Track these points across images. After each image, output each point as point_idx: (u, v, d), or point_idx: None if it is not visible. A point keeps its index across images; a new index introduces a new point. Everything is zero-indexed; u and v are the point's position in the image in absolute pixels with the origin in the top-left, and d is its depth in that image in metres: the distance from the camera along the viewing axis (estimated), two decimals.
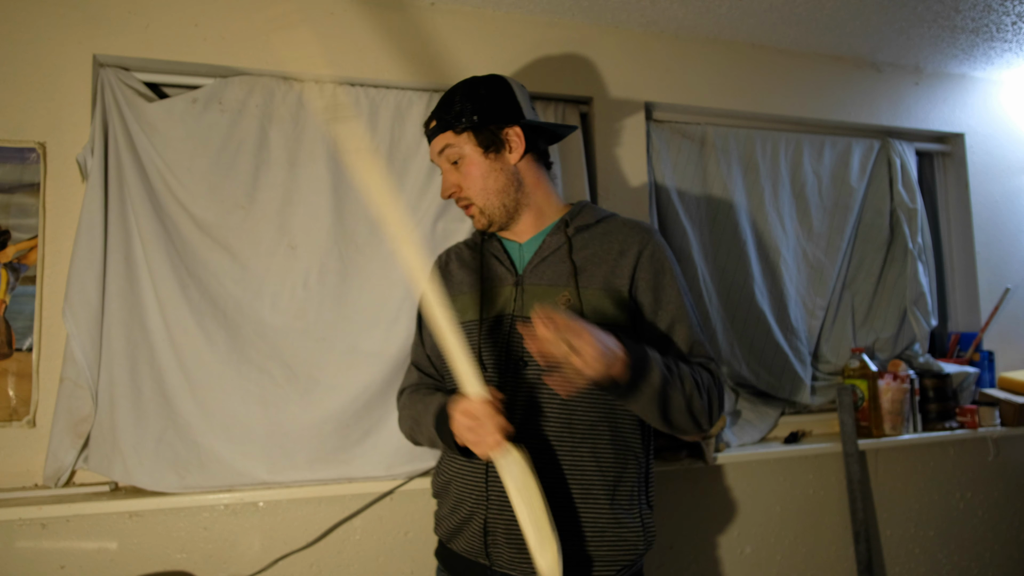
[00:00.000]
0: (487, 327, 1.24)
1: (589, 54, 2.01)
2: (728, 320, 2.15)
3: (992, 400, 2.34)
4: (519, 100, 1.29)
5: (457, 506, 1.23)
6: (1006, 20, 2.09)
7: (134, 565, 1.53)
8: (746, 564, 2.01)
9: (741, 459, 2.00)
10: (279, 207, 1.69)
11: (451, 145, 1.25)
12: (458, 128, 1.24)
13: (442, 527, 1.28)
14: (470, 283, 1.30)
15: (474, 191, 1.26)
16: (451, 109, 1.26)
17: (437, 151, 1.28)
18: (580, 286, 1.20)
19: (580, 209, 1.31)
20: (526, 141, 1.26)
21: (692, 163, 2.19)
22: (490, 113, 1.25)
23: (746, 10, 1.99)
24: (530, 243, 1.30)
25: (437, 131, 1.28)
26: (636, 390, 1.07)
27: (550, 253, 1.25)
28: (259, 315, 1.65)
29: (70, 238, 1.56)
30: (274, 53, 1.72)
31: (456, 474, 1.24)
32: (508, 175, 1.26)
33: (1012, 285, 2.52)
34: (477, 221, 1.29)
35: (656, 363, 1.09)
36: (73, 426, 1.52)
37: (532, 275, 1.24)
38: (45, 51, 1.58)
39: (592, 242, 1.25)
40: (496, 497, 1.16)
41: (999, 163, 2.56)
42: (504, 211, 1.27)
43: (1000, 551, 2.33)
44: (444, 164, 1.29)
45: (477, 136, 1.24)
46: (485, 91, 1.27)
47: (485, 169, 1.25)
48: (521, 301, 1.23)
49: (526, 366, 1.19)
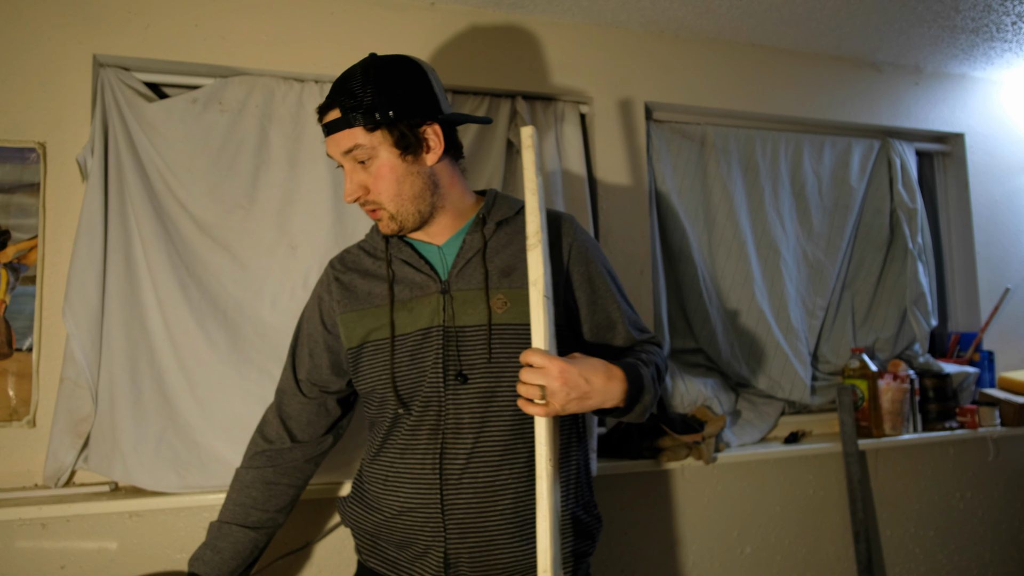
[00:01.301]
0: (413, 343, 1.13)
1: (589, 54, 2.01)
2: (728, 320, 2.15)
3: (992, 400, 2.34)
4: (436, 91, 1.13)
5: (406, 542, 1.13)
6: (1006, 20, 2.09)
7: (134, 565, 1.53)
8: (746, 564, 2.01)
9: (741, 459, 2.00)
10: (279, 207, 1.69)
11: (360, 145, 1.08)
12: (370, 125, 1.07)
13: (379, 557, 1.18)
14: (381, 295, 1.17)
15: (386, 196, 1.11)
16: (359, 99, 1.07)
17: (342, 150, 1.09)
18: (512, 287, 1.12)
19: (493, 201, 1.19)
20: (444, 139, 1.13)
21: (692, 163, 2.19)
22: (407, 108, 1.08)
23: (746, 10, 1.99)
24: (449, 244, 1.18)
25: (341, 125, 1.08)
26: (631, 412, 1.09)
27: (473, 254, 1.15)
28: (259, 315, 1.65)
29: (70, 238, 1.56)
30: (274, 53, 1.72)
31: (400, 511, 1.13)
32: (424, 178, 1.12)
33: (1012, 285, 2.52)
34: (385, 226, 1.14)
35: (647, 379, 1.09)
36: (73, 426, 1.52)
37: (459, 280, 1.13)
38: (45, 51, 1.58)
39: (516, 237, 1.17)
40: (455, 526, 1.09)
41: (999, 163, 2.57)
42: (419, 217, 1.14)
43: (1000, 551, 2.33)
44: (348, 163, 1.11)
45: (392, 135, 1.08)
46: (400, 80, 1.09)
47: (400, 173, 1.10)
48: (452, 310, 1.12)
49: (466, 381, 1.10)
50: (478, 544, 1.09)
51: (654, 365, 1.16)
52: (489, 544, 1.10)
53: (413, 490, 1.12)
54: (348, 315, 1.20)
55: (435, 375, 1.11)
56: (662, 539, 1.93)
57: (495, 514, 1.10)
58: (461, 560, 1.10)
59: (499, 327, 1.11)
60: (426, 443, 1.12)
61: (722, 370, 2.14)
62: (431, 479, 1.10)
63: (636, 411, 1.10)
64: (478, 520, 1.09)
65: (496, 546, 1.10)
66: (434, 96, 1.13)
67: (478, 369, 1.11)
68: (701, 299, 2.09)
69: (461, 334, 1.11)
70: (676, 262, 2.13)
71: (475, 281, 1.13)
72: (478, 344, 1.11)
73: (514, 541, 1.10)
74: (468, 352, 1.11)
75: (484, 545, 1.09)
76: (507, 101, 1.92)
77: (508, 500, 1.10)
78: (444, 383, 1.10)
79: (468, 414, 1.10)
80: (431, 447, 1.11)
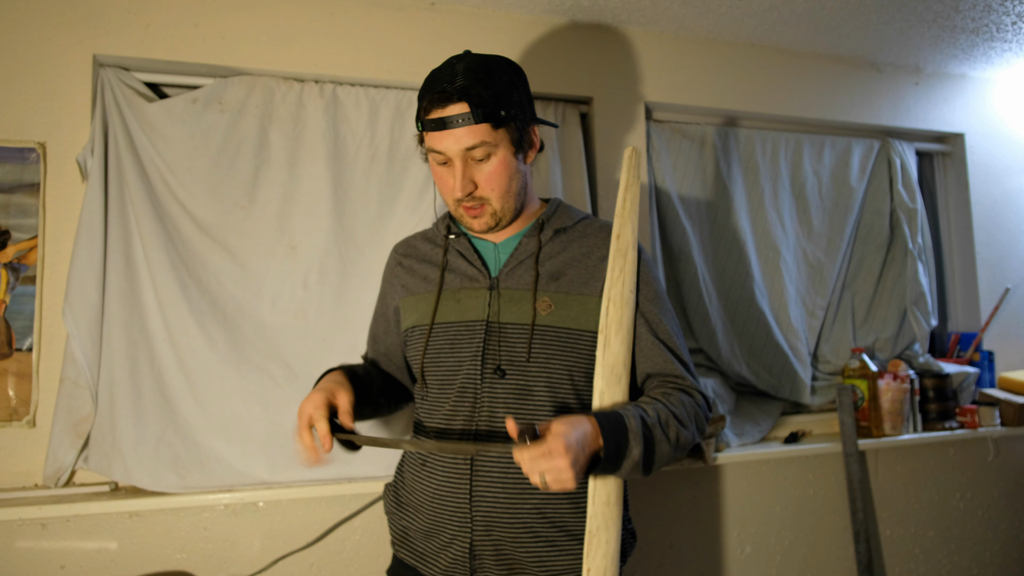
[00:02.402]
0: (455, 332, 1.16)
1: (589, 54, 2.01)
2: (728, 320, 2.15)
3: (992, 400, 2.34)
4: (530, 94, 1.20)
5: (434, 530, 1.14)
6: (1006, 20, 2.09)
7: (134, 565, 1.53)
8: (746, 564, 2.01)
9: (741, 459, 2.00)
10: (279, 207, 1.69)
11: (486, 142, 1.08)
12: (496, 123, 1.08)
13: (408, 548, 1.19)
14: (434, 280, 1.21)
15: (497, 193, 1.12)
16: (486, 97, 1.07)
17: (465, 145, 1.08)
18: (559, 291, 1.14)
19: (555, 209, 1.23)
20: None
21: (692, 163, 2.19)
22: (524, 109, 1.13)
23: (746, 10, 1.99)
24: (506, 244, 1.21)
25: (468, 120, 1.06)
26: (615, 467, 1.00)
27: (527, 256, 1.18)
28: (259, 315, 1.65)
29: (70, 238, 1.56)
30: (274, 53, 1.72)
31: (432, 496, 1.14)
32: (524, 177, 1.17)
33: (1012, 285, 2.52)
34: (484, 223, 1.15)
35: (635, 434, 1.00)
36: (73, 426, 1.52)
37: (508, 279, 1.16)
38: (45, 51, 1.58)
39: (571, 245, 1.19)
40: (481, 518, 1.09)
41: (999, 163, 2.57)
42: (515, 213, 1.17)
43: (1000, 551, 2.33)
44: (462, 158, 1.09)
45: (512, 135, 1.11)
46: (515, 81, 1.13)
47: (513, 171, 1.13)
48: (498, 306, 1.14)
49: (504, 376, 1.12)
50: (504, 539, 1.09)
51: (673, 419, 1.06)
52: (514, 541, 1.10)
53: (445, 476, 1.13)
54: (407, 299, 1.26)
55: (473, 366, 1.13)
56: (662, 539, 1.93)
57: (522, 511, 1.10)
58: (486, 553, 1.10)
59: (541, 328, 1.13)
60: (460, 432, 1.13)
61: (722, 370, 2.14)
62: (463, 468, 1.12)
63: (624, 467, 1.00)
64: (504, 515, 1.10)
65: (521, 543, 1.10)
66: (532, 99, 1.19)
67: (516, 366, 1.12)
68: (701, 299, 2.09)
69: (504, 330, 1.14)
70: (676, 262, 2.13)
71: (524, 281, 1.16)
72: (519, 342, 1.13)
73: (539, 542, 1.10)
74: (508, 348, 1.13)
75: (509, 541, 1.10)
76: None
77: (536, 499, 1.11)
78: (481, 375, 1.13)
79: (503, 408, 1.12)
80: (465, 436, 1.13)
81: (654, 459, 1.03)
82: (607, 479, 1.06)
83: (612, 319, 1.12)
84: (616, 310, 1.12)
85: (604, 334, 1.11)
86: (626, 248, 1.16)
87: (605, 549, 1.04)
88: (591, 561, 1.04)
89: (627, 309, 1.13)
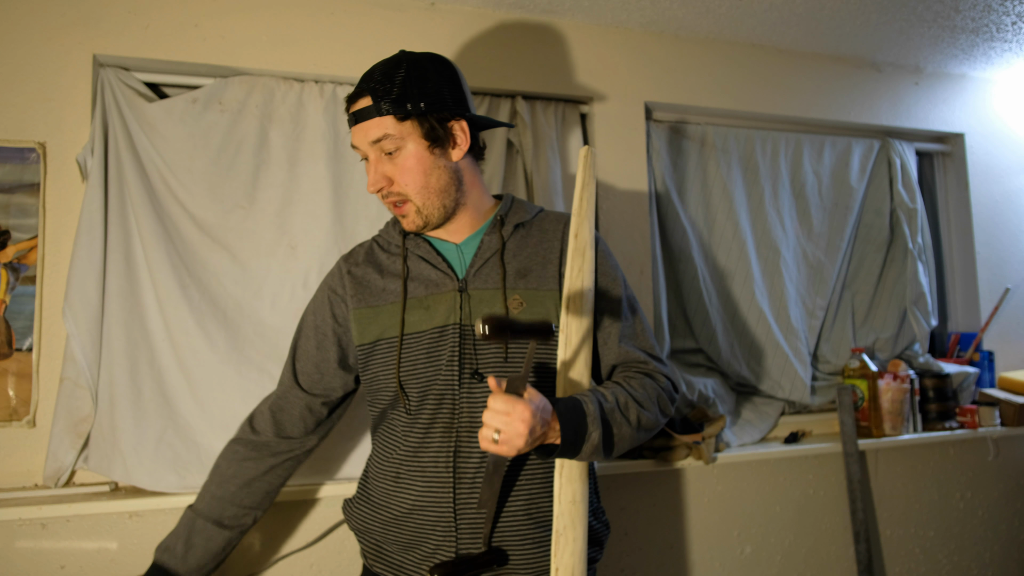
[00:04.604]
0: (429, 340, 1.13)
1: (589, 54, 2.01)
2: (728, 320, 2.15)
3: (992, 400, 2.34)
4: (464, 90, 1.16)
5: (415, 542, 1.11)
6: (1006, 20, 2.09)
7: (134, 565, 1.53)
8: (746, 564, 2.01)
9: (741, 459, 2.00)
10: (279, 207, 1.69)
11: (389, 135, 1.09)
12: (400, 115, 1.08)
13: (385, 562, 1.17)
14: (395, 291, 1.17)
15: (413, 188, 1.11)
16: (390, 89, 1.08)
17: (370, 139, 1.10)
18: (529, 287, 1.14)
19: (511, 204, 1.22)
20: (470, 138, 1.15)
21: (692, 163, 2.19)
22: (438, 101, 1.10)
23: (746, 10, 1.99)
24: (467, 244, 1.19)
25: (372, 113, 1.08)
26: (575, 451, 1.02)
27: (492, 254, 1.16)
28: (259, 315, 1.65)
29: (70, 238, 1.56)
30: (274, 53, 1.72)
31: (411, 508, 1.11)
32: (450, 173, 1.14)
33: (1012, 285, 2.52)
34: (411, 222, 1.15)
35: (592, 418, 1.01)
36: (73, 426, 1.52)
37: (476, 279, 1.15)
38: (45, 51, 1.58)
39: (531, 239, 1.18)
40: (467, 525, 1.08)
41: (999, 163, 2.57)
42: (443, 212, 1.15)
43: (1000, 551, 2.33)
44: (374, 152, 1.12)
45: (422, 127, 1.09)
46: (432, 75, 1.11)
47: (428, 165, 1.11)
48: (468, 308, 1.13)
49: (482, 379, 1.11)
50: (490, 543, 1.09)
51: (633, 403, 1.08)
52: (501, 545, 1.10)
53: (425, 488, 1.11)
54: (362, 311, 1.20)
55: (450, 372, 1.11)
56: (662, 539, 1.93)
57: (508, 515, 1.10)
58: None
59: None
60: (440, 441, 1.11)
61: (722, 370, 2.15)
62: (444, 477, 1.10)
63: (584, 450, 1.02)
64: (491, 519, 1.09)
65: (508, 545, 1.10)
66: (463, 94, 1.15)
67: (494, 368, 1.11)
68: (701, 299, 2.09)
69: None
70: (676, 262, 2.13)
71: (492, 281, 1.14)
72: (495, 343, 1.11)
73: (526, 544, 1.10)
74: (484, 351, 1.12)
75: (496, 544, 1.09)
76: (507, 101, 1.93)
77: (521, 501, 1.10)
78: (459, 381, 1.11)
79: (480, 412, 1.10)
80: (445, 445, 1.11)
81: (614, 442, 1.05)
82: (572, 478, 1.06)
83: (572, 317, 1.11)
84: (576, 308, 1.11)
85: (565, 332, 1.10)
86: (584, 247, 1.15)
87: (572, 547, 1.04)
88: (559, 560, 1.04)
89: (587, 306, 1.12)
